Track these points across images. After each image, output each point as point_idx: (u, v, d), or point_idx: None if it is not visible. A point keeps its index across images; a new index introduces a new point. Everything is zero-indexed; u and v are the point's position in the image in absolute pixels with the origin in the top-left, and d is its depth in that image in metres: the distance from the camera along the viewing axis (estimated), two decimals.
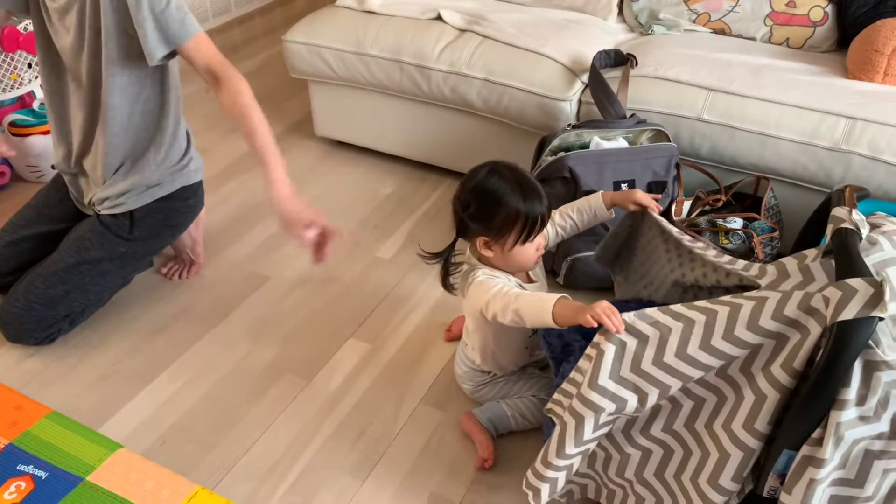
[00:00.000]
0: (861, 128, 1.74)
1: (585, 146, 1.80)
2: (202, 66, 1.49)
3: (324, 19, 2.30)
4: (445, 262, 1.45)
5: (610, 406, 1.11)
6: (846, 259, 0.99)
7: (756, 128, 1.82)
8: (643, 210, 1.42)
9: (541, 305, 1.20)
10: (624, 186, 1.74)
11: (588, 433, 1.12)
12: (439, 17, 2.22)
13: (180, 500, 1.40)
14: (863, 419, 0.96)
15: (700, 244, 1.28)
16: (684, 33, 2.23)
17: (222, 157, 2.49)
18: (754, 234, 1.69)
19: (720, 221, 1.74)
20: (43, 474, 1.43)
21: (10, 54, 2.27)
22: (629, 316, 1.08)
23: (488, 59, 2.07)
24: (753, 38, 2.20)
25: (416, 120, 2.29)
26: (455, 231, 1.42)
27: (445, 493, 1.43)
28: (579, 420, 1.12)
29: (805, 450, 1.00)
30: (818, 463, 0.98)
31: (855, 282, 0.95)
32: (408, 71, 2.16)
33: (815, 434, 0.99)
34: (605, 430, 1.15)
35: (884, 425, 0.96)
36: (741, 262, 1.19)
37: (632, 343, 1.09)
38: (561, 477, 1.19)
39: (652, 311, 1.08)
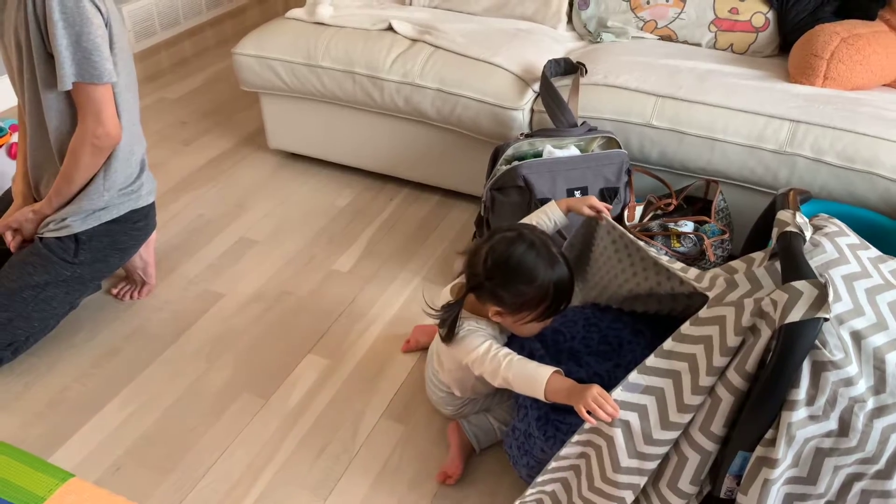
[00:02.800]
0: (804, 130, 1.79)
1: (539, 155, 1.81)
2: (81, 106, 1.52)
3: (274, 31, 2.28)
4: (454, 319, 1.33)
5: (641, 481, 1.12)
6: (791, 262, 1.01)
7: (703, 132, 1.85)
8: (598, 217, 1.43)
9: (533, 379, 1.19)
10: (577, 193, 1.76)
11: None
12: (390, 28, 2.21)
13: None
14: (812, 418, 0.98)
15: (653, 251, 1.30)
16: (632, 40, 2.27)
17: (174, 173, 2.44)
18: (705, 237, 1.73)
19: (672, 225, 1.77)
20: None
21: None
22: (618, 393, 1.09)
23: (441, 70, 2.07)
24: (699, 44, 2.24)
25: (370, 131, 2.28)
26: (467, 288, 1.33)
27: None
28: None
29: (759, 451, 1.02)
30: (772, 463, 1.00)
31: (800, 284, 0.97)
32: (360, 82, 2.15)
33: (768, 435, 1.01)
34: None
35: (832, 423, 0.98)
36: (693, 271, 1.21)
37: (633, 419, 1.09)
38: None
39: (635, 378, 1.08)
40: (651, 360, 1.08)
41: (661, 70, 2.00)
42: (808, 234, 1.07)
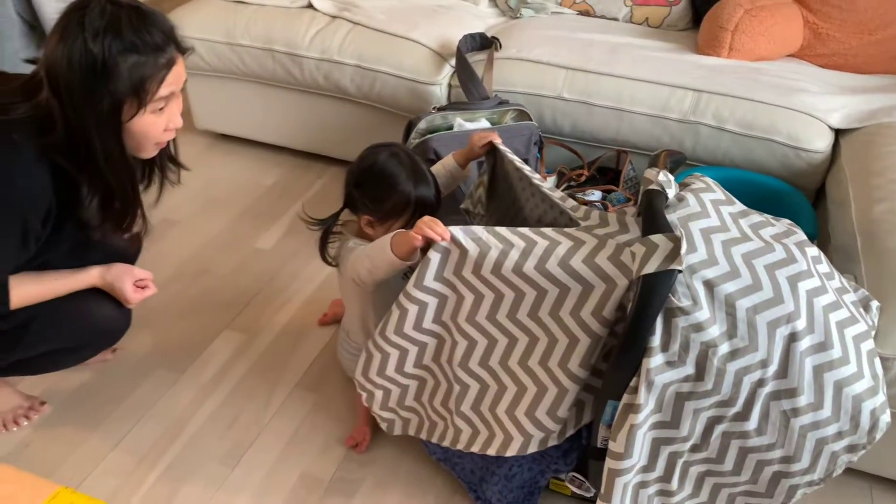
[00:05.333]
0: (706, 100, 1.84)
1: (451, 128, 1.84)
2: None
3: (193, 10, 2.27)
4: (325, 231, 1.44)
5: (432, 301, 1.19)
6: (650, 217, 1.06)
7: (611, 104, 1.90)
8: (490, 145, 1.44)
9: (383, 241, 1.23)
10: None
11: (408, 327, 1.21)
12: (310, 6, 2.22)
13: (40, 501, 1.36)
14: (669, 364, 1.03)
15: (536, 177, 1.33)
16: (551, 16, 2.30)
17: None
18: (610, 205, 1.78)
19: (579, 195, 1.82)
20: None
21: None
22: (455, 229, 1.14)
23: (359, 46, 2.09)
24: (616, 19, 2.29)
25: (294, 109, 2.29)
26: (343, 202, 1.42)
27: (316, 471, 1.46)
28: (402, 312, 1.20)
29: (625, 398, 1.07)
30: (636, 409, 1.05)
31: (657, 238, 1.02)
32: (280, 59, 2.15)
33: (633, 383, 1.06)
34: (426, 338, 1.24)
35: (689, 368, 1.04)
36: (571, 202, 1.26)
37: (455, 252, 1.15)
38: (390, 360, 1.27)
39: (477, 229, 1.14)
40: (499, 228, 1.15)
41: (574, 44, 2.04)
42: (670, 191, 1.11)
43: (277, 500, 1.41)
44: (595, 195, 1.82)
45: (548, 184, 1.32)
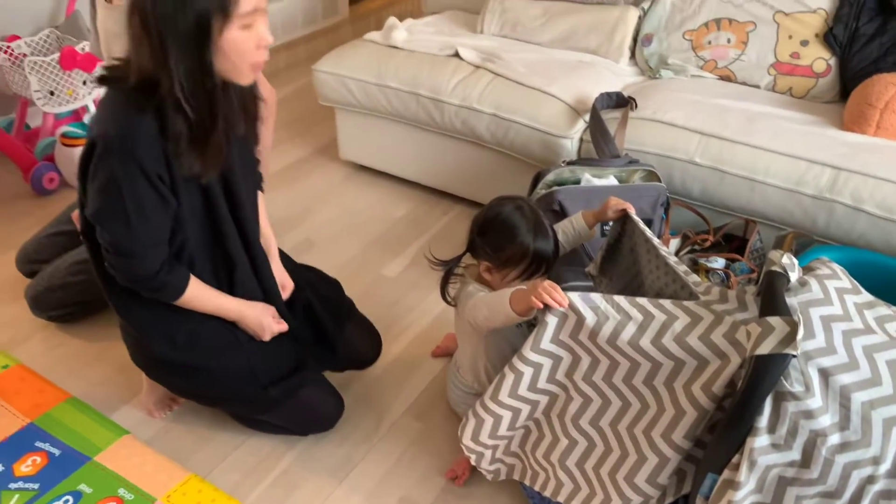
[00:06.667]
0: (845, 178, 1.80)
1: (577, 182, 1.90)
2: None
3: (351, 52, 2.47)
4: (447, 272, 1.54)
5: (547, 362, 1.24)
6: (769, 299, 1.07)
7: (745, 173, 1.89)
8: (623, 214, 1.49)
9: (501, 298, 1.30)
10: (611, 221, 1.83)
11: (523, 388, 1.26)
12: (457, 55, 2.36)
13: (174, 483, 1.53)
14: (774, 446, 1.03)
15: (664, 249, 1.37)
16: (691, 78, 2.32)
17: None
18: (732, 275, 1.76)
19: (702, 261, 1.82)
20: (56, 451, 1.59)
21: (68, 72, 2.50)
22: (574, 295, 1.19)
23: (498, 96, 2.20)
24: (757, 86, 2.27)
25: (430, 148, 2.43)
26: (466, 247, 1.51)
27: (415, 498, 1.54)
28: (517, 375, 1.25)
29: (725, 473, 1.08)
30: (736, 486, 1.06)
31: (773, 320, 1.03)
32: (423, 103, 2.30)
33: (735, 459, 1.07)
34: (539, 396, 1.28)
35: (795, 454, 1.03)
36: (694, 277, 1.29)
37: (572, 318, 1.20)
38: (503, 422, 1.32)
39: (595, 297, 1.19)
40: (617, 297, 1.18)
41: (712, 109, 2.05)
42: (793, 274, 1.12)
43: None
44: (718, 262, 1.81)
45: (674, 258, 1.35)
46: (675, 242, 1.94)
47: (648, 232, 1.42)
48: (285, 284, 1.62)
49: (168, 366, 1.51)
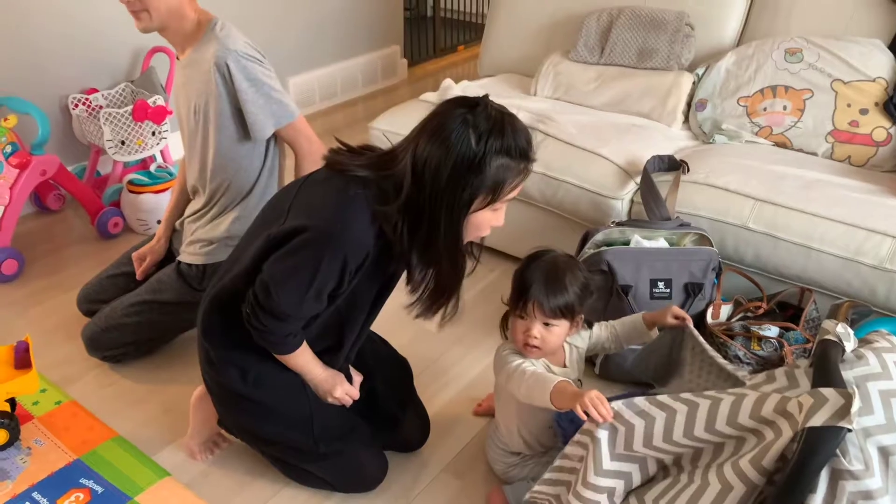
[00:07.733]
0: None
1: (627, 243, 1.89)
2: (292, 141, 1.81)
3: (405, 110, 2.54)
4: (504, 318, 1.58)
5: (619, 484, 1.20)
6: (823, 369, 1.04)
7: (800, 240, 1.85)
8: (681, 326, 1.50)
9: (543, 386, 1.28)
10: (661, 284, 1.81)
11: None
12: None
13: None
14: None
15: (726, 363, 1.37)
16: (745, 144, 2.30)
17: None
18: (786, 344, 1.71)
19: (755, 328, 1.77)
20: (100, 489, 1.61)
21: (139, 123, 2.63)
22: (617, 405, 1.16)
23: (549, 156, 2.22)
24: (815, 154, 2.24)
25: None
26: (509, 305, 1.54)
27: None
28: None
29: None
30: None
31: (827, 391, 0.99)
32: None
33: None
34: None
35: None
36: (744, 371, 1.27)
37: (621, 429, 1.17)
38: None
39: (638, 401, 1.15)
40: (661, 396, 1.17)
41: (766, 175, 2.02)
42: (848, 345, 1.08)
43: None
44: (772, 331, 1.76)
45: (731, 365, 1.36)
46: (726, 309, 1.89)
47: (705, 343, 1.44)
48: (355, 378, 1.64)
49: (233, 397, 1.53)
